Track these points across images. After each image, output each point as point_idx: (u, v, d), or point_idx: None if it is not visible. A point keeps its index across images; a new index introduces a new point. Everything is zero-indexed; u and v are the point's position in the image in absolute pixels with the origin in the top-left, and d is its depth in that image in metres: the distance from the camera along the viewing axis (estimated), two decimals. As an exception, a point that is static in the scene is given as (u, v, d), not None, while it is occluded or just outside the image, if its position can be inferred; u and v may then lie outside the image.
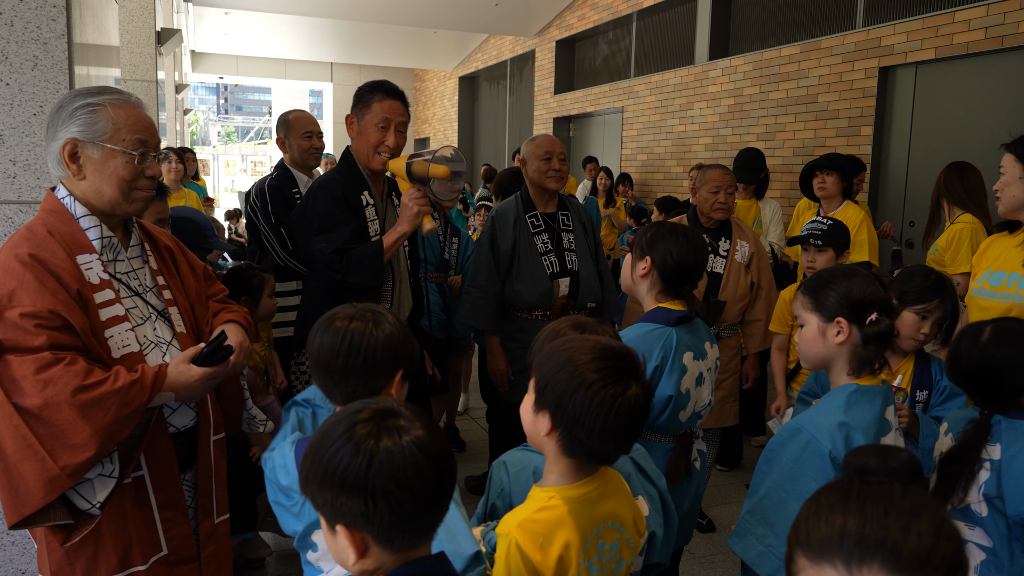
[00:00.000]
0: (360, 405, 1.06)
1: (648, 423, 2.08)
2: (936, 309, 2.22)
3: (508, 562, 1.30)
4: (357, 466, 0.98)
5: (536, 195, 3.32)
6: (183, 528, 1.78)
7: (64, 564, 1.64)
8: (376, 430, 1.01)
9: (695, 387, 2.12)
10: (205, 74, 18.06)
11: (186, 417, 1.81)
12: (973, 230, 3.34)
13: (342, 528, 1.01)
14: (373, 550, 1.01)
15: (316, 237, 2.57)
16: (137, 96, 1.76)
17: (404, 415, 1.04)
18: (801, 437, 1.66)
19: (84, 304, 1.62)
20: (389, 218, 2.79)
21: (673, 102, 8.52)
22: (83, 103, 1.67)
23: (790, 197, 6.74)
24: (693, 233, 2.13)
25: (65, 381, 1.51)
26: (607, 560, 1.43)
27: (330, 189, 2.63)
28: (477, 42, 14.21)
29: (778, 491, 1.65)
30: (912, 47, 5.63)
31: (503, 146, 13.67)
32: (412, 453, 0.99)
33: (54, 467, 1.50)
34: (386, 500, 0.97)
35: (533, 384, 1.40)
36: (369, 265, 2.53)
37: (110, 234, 1.74)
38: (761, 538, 1.64)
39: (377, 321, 1.55)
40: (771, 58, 7.05)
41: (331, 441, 1.01)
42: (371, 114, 2.66)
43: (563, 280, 3.25)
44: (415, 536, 1.02)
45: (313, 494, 1.02)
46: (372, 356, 1.51)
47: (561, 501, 1.36)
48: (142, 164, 1.72)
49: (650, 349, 2.04)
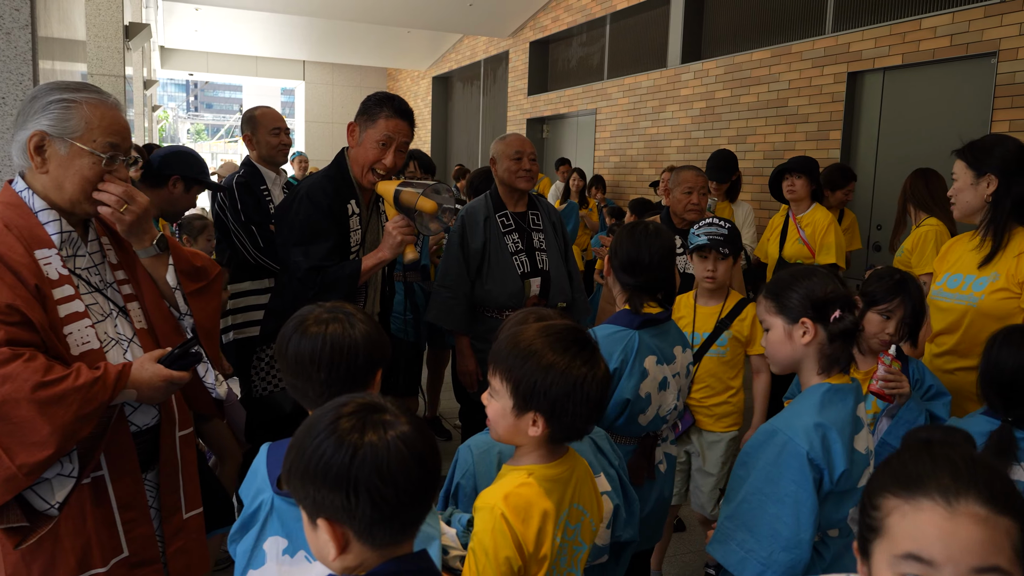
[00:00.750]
0: (346, 399, 1.05)
1: (604, 424, 2.09)
2: (897, 309, 2.24)
3: (495, 532, 1.34)
4: (340, 459, 0.97)
5: (506, 194, 3.32)
6: (145, 529, 1.74)
7: (20, 567, 1.59)
8: (360, 424, 1.00)
9: (657, 391, 2.11)
10: (175, 70, 17.80)
11: (148, 415, 1.78)
12: (938, 232, 3.40)
13: (323, 522, 0.99)
14: (354, 545, 1.00)
15: (294, 248, 2.52)
16: (116, 98, 1.73)
17: (390, 410, 1.03)
18: (777, 440, 1.65)
19: (43, 300, 1.58)
20: (372, 227, 2.75)
21: (646, 104, 8.58)
22: (59, 97, 1.64)
23: (760, 200, 6.81)
24: (647, 230, 2.13)
25: (24, 377, 1.47)
26: (570, 540, 1.49)
27: (317, 199, 2.56)
28: (451, 42, 14.18)
29: (757, 495, 1.65)
30: (880, 53, 5.72)
31: (476, 147, 13.65)
32: (397, 448, 0.98)
33: (11, 466, 1.47)
34: (368, 494, 0.96)
35: (506, 389, 1.42)
36: (344, 285, 2.49)
37: (70, 229, 1.70)
38: (742, 543, 1.63)
39: (351, 322, 1.48)
40: (742, 62, 7.12)
41: (315, 434, 1.00)
42: (374, 129, 2.58)
43: (534, 280, 3.25)
44: (397, 533, 1.01)
45: (295, 487, 1.01)
46: (355, 360, 1.45)
47: (536, 480, 1.42)
48: (110, 167, 1.68)
49: (610, 351, 2.03)
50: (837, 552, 1.78)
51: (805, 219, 4.25)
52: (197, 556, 1.89)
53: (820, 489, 1.64)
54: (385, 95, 2.64)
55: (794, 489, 1.60)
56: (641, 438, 2.16)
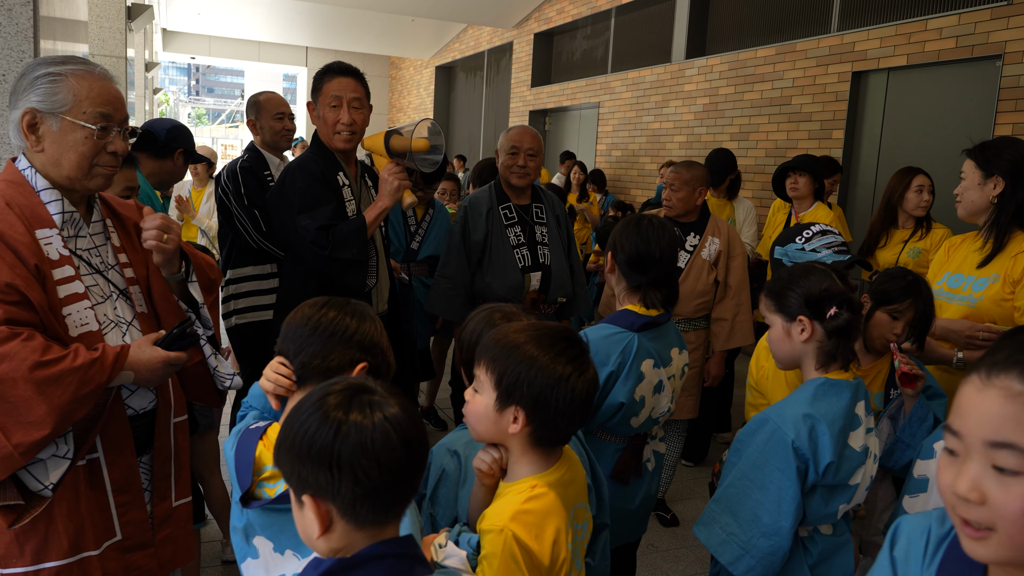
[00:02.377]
0: (338, 379, 1.05)
1: (596, 423, 2.08)
2: (908, 310, 2.23)
3: (504, 556, 1.28)
4: (324, 435, 0.97)
5: (507, 187, 3.30)
6: (138, 513, 1.73)
7: (13, 547, 1.59)
8: (347, 402, 1.00)
9: (652, 394, 2.09)
10: (176, 53, 17.72)
11: (145, 399, 1.76)
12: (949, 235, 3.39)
13: (308, 499, 1.00)
14: (338, 524, 1.00)
15: (299, 215, 2.54)
16: (104, 68, 1.70)
17: (379, 392, 1.04)
18: (767, 428, 1.70)
19: (42, 280, 1.56)
20: (364, 200, 2.78)
21: (649, 99, 8.55)
22: (45, 72, 1.61)
23: (762, 197, 6.80)
24: (652, 223, 2.09)
25: (22, 357, 1.46)
26: (580, 540, 1.45)
27: (308, 168, 2.61)
28: (455, 32, 14.13)
29: (742, 480, 1.68)
30: (885, 53, 5.71)
31: (478, 137, 13.62)
32: (383, 427, 0.98)
33: (7, 444, 1.46)
34: (351, 471, 0.96)
35: (490, 381, 1.38)
36: (355, 240, 2.52)
37: (72, 209, 1.68)
38: (724, 526, 1.67)
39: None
40: (747, 59, 7.10)
41: (302, 412, 1.01)
42: (323, 96, 2.67)
43: (534, 274, 3.23)
44: (380, 513, 1.01)
45: (282, 464, 1.02)
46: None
47: (546, 487, 1.37)
48: (103, 139, 1.65)
49: (608, 353, 2.01)
50: (827, 550, 1.79)
51: (807, 217, 4.24)
52: (183, 545, 1.87)
53: (805, 480, 1.67)
54: (326, 65, 2.74)
55: (778, 476, 1.64)
56: (631, 437, 2.14)
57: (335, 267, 2.53)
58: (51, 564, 1.60)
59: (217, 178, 3.52)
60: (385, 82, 18.22)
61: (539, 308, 3.26)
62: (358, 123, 2.67)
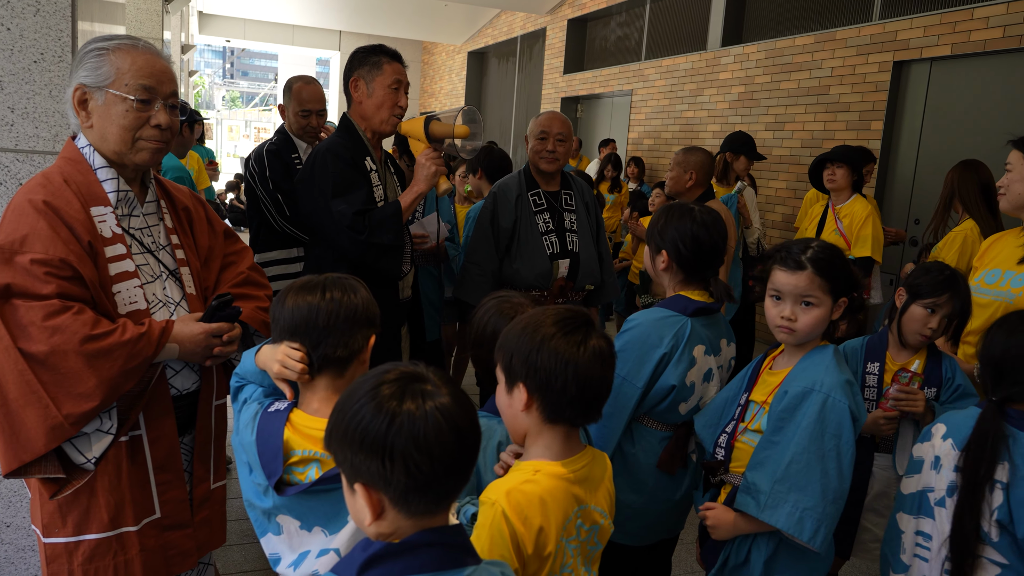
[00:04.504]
0: (390, 366, 1.05)
1: (645, 408, 2.06)
2: (945, 304, 2.19)
3: (492, 529, 1.29)
4: (377, 426, 0.97)
5: (537, 173, 3.27)
6: (178, 493, 1.75)
7: (56, 517, 1.63)
8: (400, 392, 1.00)
9: (701, 382, 2.08)
10: (212, 36, 17.86)
11: (188, 380, 1.79)
12: (967, 237, 3.28)
13: (360, 487, 1.00)
14: (389, 512, 1.00)
15: (334, 200, 2.52)
16: (148, 42, 1.70)
17: (432, 380, 1.03)
18: (814, 399, 1.73)
19: (94, 257, 1.59)
20: (389, 185, 2.77)
21: (683, 87, 8.45)
22: (92, 48, 1.64)
23: (795, 188, 6.69)
24: (703, 212, 2.07)
25: (74, 330, 1.49)
26: (584, 540, 1.43)
27: (339, 153, 2.59)
28: (488, 17, 14.06)
29: (804, 455, 1.71)
30: (928, 42, 5.56)
31: (509, 124, 13.57)
32: (435, 418, 0.98)
33: (57, 415, 1.49)
34: (404, 462, 0.96)
35: (500, 368, 1.41)
36: (391, 224, 2.51)
37: (127, 188, 1.71)
38: (796, 503, 1.69)
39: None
40: (784, 47, 6.97)
41: (356, 399, 1.01)
42: (383, 75, 2.62)
43: (563, 261, 3.21)
44: (432, 503, 1.01)
45: (334, 451, 1.02)
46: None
47: (544, 477, 1.36)
48: (145, 111, 1.66)
49: (661, 335, 2.00)
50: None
51: (844, 210, 4.16)
52: (218, 528, 1.90)
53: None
54: (374, 45, 2.68)
55: (835, 443, 1.70)
56: (677, 426, 2.12)
57: (371, 252, 2.52)
58: (91, 536, 1.64)
59: (245, 160, 3.54)
60: (417, 67, 18.21)
61: (567, 295, 3.24)
62: (406, 108, 2.69)
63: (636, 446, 2.09)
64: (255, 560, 2.97)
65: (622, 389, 1.99)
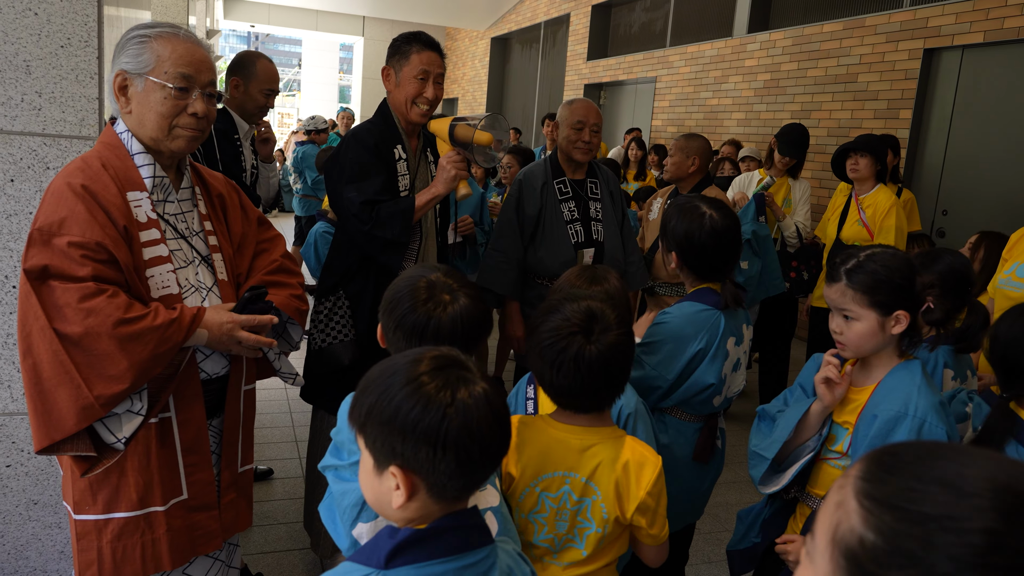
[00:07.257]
0: (424, 350, 1.03)
1: (676, 400, 2.06)
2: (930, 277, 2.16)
3: None
4: (431, 418, 0.96)
5: (564, 161, 3.26)
6: (205, 475, 1.79)
7: (87, 494, 1.67)
8: (444, 381, 0.99)
9: (732, 372, 2.09)
10: (237, 21, 17.93)
11: (218, 365, 1.82)
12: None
13: (397, 469, 0.98)
14: (421, 496, 1.00)
15: (347, 186, 2.55)
16: (189, 31, 1.72)
17: (466, 365, 1.03)
18: (907, 424, 1.58)
19: (129, 241, 1.63)
20: (420, 174, 2.76)
21: (708, 74, 8.36)
22: (135, 35, 1.67)
23: (821, 178, 6.61)
24: (713, 219, 2.02)
25: (107, 313, 1.52)
26: (571, 508, 1.48)
27: (363, 139, 2.60)
28: (511, 3, 13.98)
29: None
30: (960, 29, 5.46)
31: (532, 110, 13.52)
32: (482, 406, 0.99)
33: (88, 395, 1.52)
34: (455, 451, 0.96)
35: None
36: (399, 221, 2.51)
37: (163, 174, 1.74)
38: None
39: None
40: (812, 34, 6.87)
41: (396, 386, 0.99)
42: (409, 66, 2.62)
43: (587, 251, 3.21)
44: (467, 489, 1.03)
45: (370, 433, 1.00)
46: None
47: (526, 425, 1.53)
48: (183, 100, 1.68)
49: (696, 331, 2.00)
50: None
51: (867, 200, 4.11)
52: (244, 511, 1.93)
53: None
54: (410, 33, 2.68)
55: None
56: (707, 416, 2.13)
57: (373, 244, 2.53)
58: (120, 514, 1.68)
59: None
60: (440, 53, 18.17)
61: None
62: (439, 99, 2.67)
63: (669, 438, 2.12)
64: (275, 542, 3.01)
65: (652, 381, 2.01)
